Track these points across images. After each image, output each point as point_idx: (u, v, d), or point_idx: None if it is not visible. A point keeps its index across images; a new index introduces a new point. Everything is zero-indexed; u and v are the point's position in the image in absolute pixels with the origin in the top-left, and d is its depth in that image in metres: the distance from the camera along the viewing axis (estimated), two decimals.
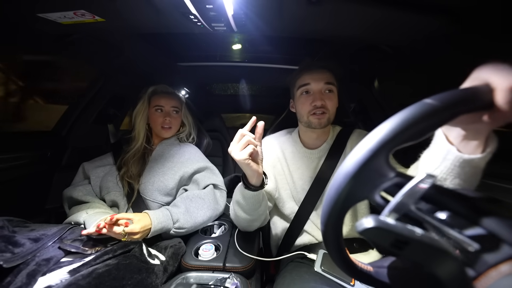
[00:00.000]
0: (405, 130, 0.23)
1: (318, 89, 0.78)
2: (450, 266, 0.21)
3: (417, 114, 0.23)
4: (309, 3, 0.57)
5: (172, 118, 1.02)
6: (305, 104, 0.79)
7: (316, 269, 0.66)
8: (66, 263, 0.63)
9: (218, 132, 1.79)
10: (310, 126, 0.81)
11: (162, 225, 0.79)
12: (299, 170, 0.86)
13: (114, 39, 0.90)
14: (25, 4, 0.62)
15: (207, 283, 0.67)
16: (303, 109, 0.80)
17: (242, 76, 1.51)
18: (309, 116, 0.79)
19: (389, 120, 0.24)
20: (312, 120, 0.78)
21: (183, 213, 0.84)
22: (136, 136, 1.02)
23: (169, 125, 1.02)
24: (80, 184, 0.95)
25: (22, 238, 0.64)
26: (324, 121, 0.78)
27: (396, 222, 0.22)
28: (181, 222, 0.83)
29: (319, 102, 0.76)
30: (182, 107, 1.08)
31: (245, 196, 0.69)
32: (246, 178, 0.66)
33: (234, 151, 0.62)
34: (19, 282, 0.54)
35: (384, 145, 0.23)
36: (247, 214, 0.74)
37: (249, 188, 0.66)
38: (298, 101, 0.82)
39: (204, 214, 0.89)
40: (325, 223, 0.27)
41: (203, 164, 1.02)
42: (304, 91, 0.80)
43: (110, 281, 0.56)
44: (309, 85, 0.79)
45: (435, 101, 0.24)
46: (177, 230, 0.83)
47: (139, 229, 0.72)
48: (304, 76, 0.80)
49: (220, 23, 0.70)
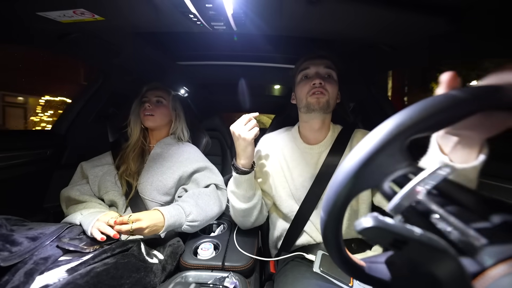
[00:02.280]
0: (428, 118, 0.23)
1: (317, 72, 0.80)
2: (449, 266, 0.21)
3: (443, 103, 0.24)
4: (308, 2, 0.57)
5: (154, 106, 1.01)
6: (304, 86, 0.80)
7: (315, 269, 0.66)
8: (64, 262, 0.63)
9: (217, 131, 1.79)
10: (309, 109, 0.80)
11: (174, 219, 0.78)
12: (299, 167, 0.84)
13: (114, 38, 0.90)
14: (25, 3, 0.62)
15: (206, 282, 0.67)
16: (302, 92, 0.81)
17: (242, 75, 1.51)
18: (307, 97, 0.79)
19: (413, 106, 0.24)
20: (311, 101, 0.78)
21: (194, 206, 0.84)
22: (130, 133, 1.03)
23: (150, 112, 1.00)
24: (78, 184, 0.94)
25: (20, 236, 0.64)
26: (323, 101, 0.78)
27: (395, 222, 0.22)
28: (194, 214, 0.82)
29: (317, 80, 0.77)
30: (170, 99, 1.07)
31: (238, 182, 0.76)
32: (237, 165, 0.74)
33: (243, 131, 0.70)
34: (17, 280, 0.54)
35: (405, 130, 0.23)
36: (242, 202, 0.78)
37: (242, 172, 0.74)
38: (298, 86, 0.83)
39: (212, 209, 0.89)
40: (328, 209, 0.27)
41: (202, 164, 1.02)
42: (304, 76, 0.82)
43: (108, 280, 0.56)
44: (308, 69, 0.81)
45: (461, 93, 0.24)
46: (190, 223, 0.81)
47: (146, 225, 0.71)
48: (305, 63, 0.83)
49: (220, 22, 0.70)
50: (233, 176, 0.78)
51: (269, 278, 0.87)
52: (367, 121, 1.34)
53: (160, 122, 1.05)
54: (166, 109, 1.05)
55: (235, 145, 0.75)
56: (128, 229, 0.69)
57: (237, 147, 0.74)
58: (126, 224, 0.70)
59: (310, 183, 0.81)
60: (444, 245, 0.21)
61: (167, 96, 1.06)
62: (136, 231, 0.70)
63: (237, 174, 0.75)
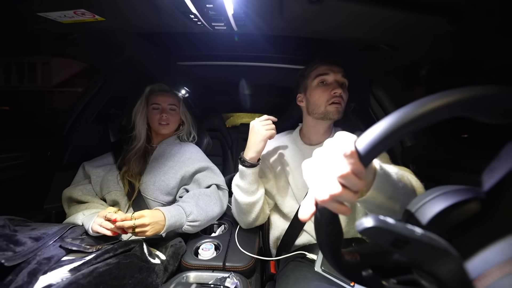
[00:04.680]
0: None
1: (336, 80, 0.80)
2: (450, 266, 0.21)
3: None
4: (309, 2, 0.57)
5: (169, 115, 1.02)
6: (323, 93, 0.80)
7: (316, 269, 0.66)
8: (67, 262, 0.63)
9: (218, 132, 1.79)
10: (326, 117, 0.80)
11: (175, 219, 0.78)
12: (300, 167, 0.85)
13: (114, 39, 0.90)
14: (25, 3, 0.62)
15: (207, 282, 0.67)
16: (321, 99, 0.80)
17: (242, 76, 1.50)
18: (327, 105, 0.79)
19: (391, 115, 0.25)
20: (330, 110, 0.79)
21: (195, 206, 0.84)
22: (137, 136, 1.03)
23: (167, 121, 1.02)
24: (80, 184, 0.95)
25: (23, 237, 0.65)
26: (340, 111, 0.80)
27: (396, 222, 0.22)
28: (194, 214, 0.82)
29: (339, 90, 0.77)
30: (180, 105, 1.08)
31: (243, 175, 0.78)
32: (244, 158, 0.78)
33: (261, 126, 0.76)
34: (21, 280, 0.54)
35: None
36: (245, 196, 0.80)
37: (249, 165, 0.77)
38: (314, 91, 0.82)
39: (213, 209, 0.90)
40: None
41: (204, 164, 1.03)
42: (321, 81, 0.81)
43: (110, 280, 0.56)
44: (327, 75, 0.80)
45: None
46: (191, 223, 0.82)
47: (149, 222, 0.71)
48: (322, 67, 0.82)
49: (220, 22, 0.70)
50: (239, 170, 0.80)
51: (270, 278, 0.87)
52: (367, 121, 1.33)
53: (173, 128, 1.07)
54: (178, 115, 1.08)
55: (249, 138, 0.77)
56: (130, 225, 0.69)
57: (250, 140, 0.77)
58: (129, 221, 0.70)
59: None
60: (446, 245, 0.21)
61: (178, 103, 1.07)
62: (138, 227, 0.70)
63: (243, 167, 0.78)
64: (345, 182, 0.27)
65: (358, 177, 0.27)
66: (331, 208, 0.28)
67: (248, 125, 0.81)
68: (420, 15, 0.58)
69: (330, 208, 0.28)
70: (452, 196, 0.26)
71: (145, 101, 1.04)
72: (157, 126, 1.02)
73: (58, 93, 9.80)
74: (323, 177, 0.28)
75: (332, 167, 0.28)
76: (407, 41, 0.76)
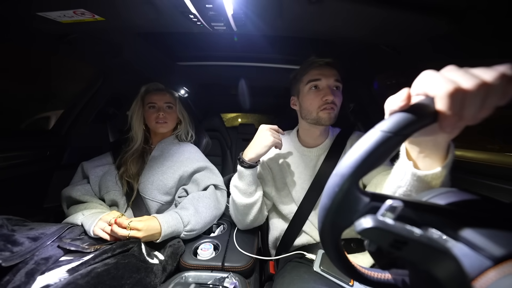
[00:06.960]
0: (364, 162, 0.25)
1: (328, 85, 0.78)
2: (448, 267, 0.21)
3: (373, 144, 0.25)
4: (309, 3, 0.57)
5: (166, 113, 1.02)
6: (315, 99, 0.78)
7: (315, 269, 0.66)
8: (65, 262, 0.63)
9: (217, 132, 1.79)
10: (318, 123, 0.79)
11: (172, 229, 0.77)
12: (298, 169, 0.86)
13: (114, 38, 0.90)
14: (25, 3, 0.62)
15: (205, 282, 0.67)
16: (312, 105, 0.79)
17: (242, 76, 1.51)
18: (319, 111, 0.78)
19: (347, 155, 0.26)
20: (322, 116, 0.77)
21: (193, 215, 0.84)
22: (134, 137, 1.02)
23: (164, 119, 1.01)
24: (78, 184, 0.94)
25: (21, 237, 0.64)
26: (333, 117, 0.78)
27: (395, 222, 0.22)
28: (192, 224, 0.82)
29: (330, 96, 0.76)
30: (176, 103, 1.08)
31: (242, 175, 0.77)
32: (243, 159, 0.76)
33: (269, 134, 0.75)
34: (18, 281, 0.54)
35: (348, 178, 0.25)
36: (243, 197, 0.79)
37: (247, 166, 0.76)
38: (306, 96, 0.80)
39: (211, 213, 0.89)
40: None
41: (202, 164, 1.02)
42: (313, 86, 0.79)
43: (109, 280, 0.56)
44: (319, 81, 0.78)
45: (386, 128, 0.25)
46: (188, 233, 0.82)
47: (142, 227, 0.72)
48: (313, 71, 0.79)
49: (220, 22, 0.70)
50: (237, 170, 0.79)
51: (269, 278, 0.87)
52: (367, 121, 1.34)
53: (171, 127, 1.07)
54: (175, 113, 1.07)
55: (254, 139, 0.76)
56: (125, 235, 0.70)
57: (254, 141, 0.76)
58: (124, 229, 0.71)
59: (308, 185, 0.83)
60: (444, 246, 0.21)
61: (174, 101, 1.06)
62: (131, 238, 0.72)
63: (242, 168, 0.76)
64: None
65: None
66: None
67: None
68: (420, 16, 0.58)
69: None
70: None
71: (141, 102, 1.03)
72: (154, 125, 1.01)
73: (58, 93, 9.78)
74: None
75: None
76: (407, 41, 0.77)
